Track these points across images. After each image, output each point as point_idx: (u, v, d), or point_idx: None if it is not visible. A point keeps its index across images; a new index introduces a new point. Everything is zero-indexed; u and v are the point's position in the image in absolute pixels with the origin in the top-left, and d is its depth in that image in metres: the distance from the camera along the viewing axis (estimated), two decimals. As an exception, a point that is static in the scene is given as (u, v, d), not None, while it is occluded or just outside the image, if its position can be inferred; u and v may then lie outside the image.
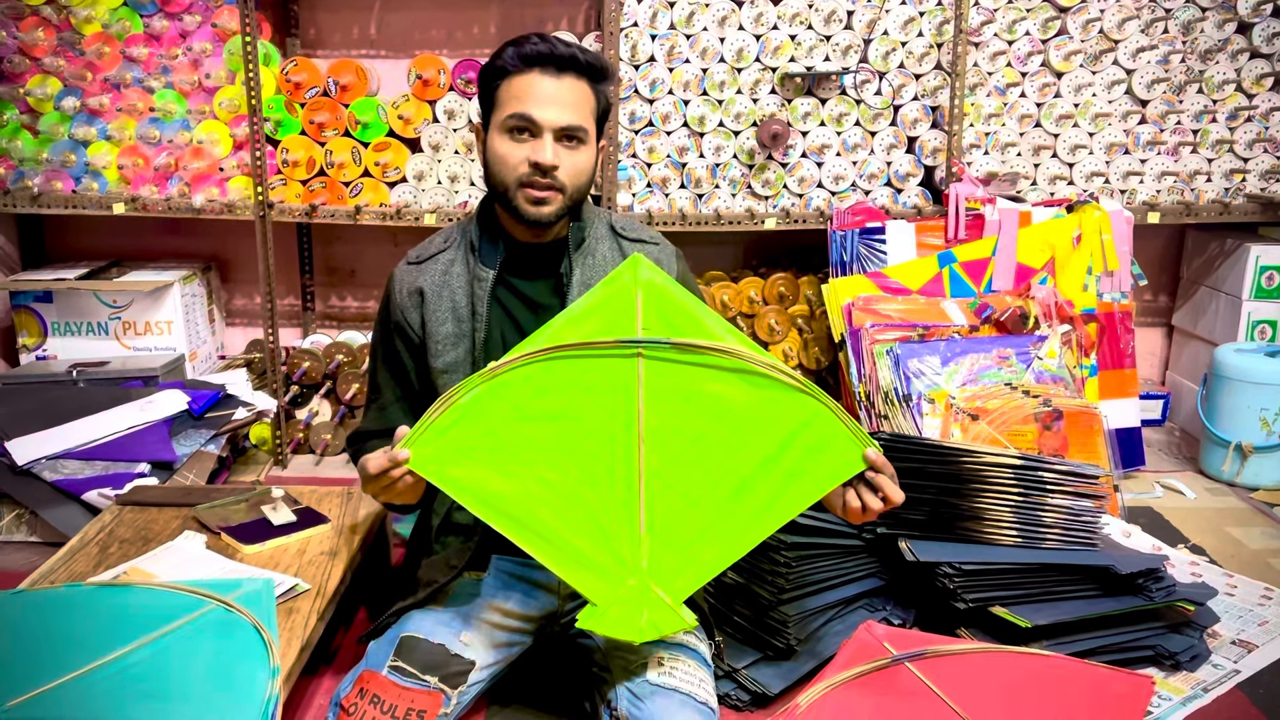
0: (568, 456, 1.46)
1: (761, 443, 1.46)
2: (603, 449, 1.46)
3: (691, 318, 1.47)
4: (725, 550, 1.47)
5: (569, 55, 1.60)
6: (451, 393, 1.44)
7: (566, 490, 1.45)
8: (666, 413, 1.46)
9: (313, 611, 1.74)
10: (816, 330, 3.09)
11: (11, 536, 2.48)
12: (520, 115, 1.59)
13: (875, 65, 2.96)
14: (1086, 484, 2.00)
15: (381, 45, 3.27)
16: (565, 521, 1.45)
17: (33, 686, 1.45)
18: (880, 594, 2.02)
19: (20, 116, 2.99)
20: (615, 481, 1.46)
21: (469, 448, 1.44)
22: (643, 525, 1.45)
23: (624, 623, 1.43)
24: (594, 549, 1.46)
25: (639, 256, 1.50)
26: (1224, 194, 3.07)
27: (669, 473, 1.46)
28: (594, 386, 1.46)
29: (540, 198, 1.61)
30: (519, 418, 1.45)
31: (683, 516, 1.46)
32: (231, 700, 1.45)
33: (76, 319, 3.06)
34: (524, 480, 1.45)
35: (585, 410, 1.46)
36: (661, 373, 1.46)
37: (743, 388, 1.46)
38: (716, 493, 1.46)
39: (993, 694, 1.62)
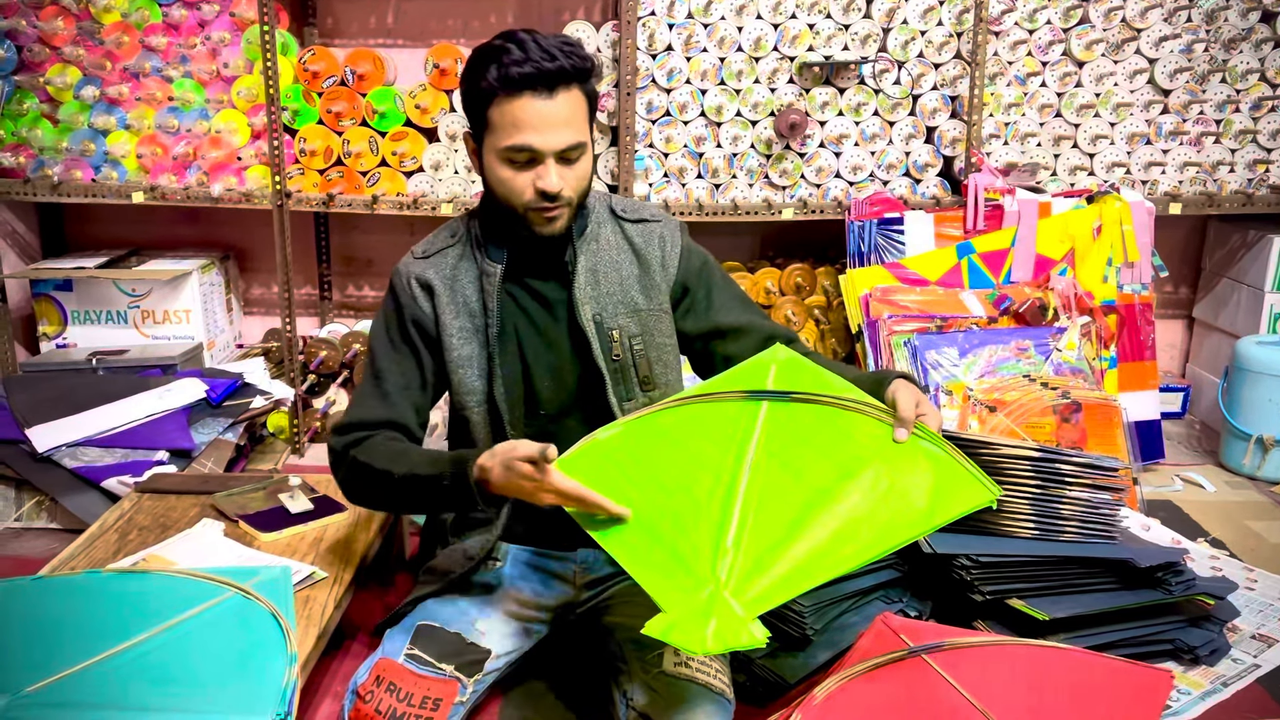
0: (673, 471, 1.49)
1: (870, 474, 1.47)
2: (709, 470, 1.49)
3: (822, 381, 1.59)
4: (811, 571, 1.40)
5: (557, 70, 1.53)
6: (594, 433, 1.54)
7: (664, 502, 1.46)
8: (779, 447, 1.50)
9: (330, 599, 1.75)
10: (834, 321, 3.08)
11: (32, 523, 2.50)
12: (520, 147, 1.55)
13: (894, 54, 2.94)
14: (1105, 476, 1.98)
15: (399, 35, 3.27)
16: (654, 529, 1.44)
17: (53, 671, 1.46)
18: (897, 585, 2.01)
19: (40, 105, 3.00)
20: (714, 498, 1.46)
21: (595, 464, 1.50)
22: (730, 538, 1.42)
23: (690, 632, 1.32)
24: (676, 558, 1.41)
25: (780, 345, 1.66)
26: (1247, 185, 3.04)
27: (769, 499, 1.46)
28: (716, 423, 1.54)
29: (550, 217, 1.61)
30: (644, 448, 1.52)
31: (773, 538, 1.42)
32: (249, 687, 1.46)
33: (96, 307, 3.08)
34: (628, 492, 1.47)
35: (703, 439, 1.52)
36: (780, 417, 1.54)
37: (857, 428, 1.52)
38: (813, 517, 1.43)
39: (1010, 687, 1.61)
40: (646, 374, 1.70)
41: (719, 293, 1.78)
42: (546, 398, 1.70)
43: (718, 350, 1.77)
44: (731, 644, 1.30)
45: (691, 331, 1.77)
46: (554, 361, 1.70)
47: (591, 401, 1.70)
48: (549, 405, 1.71)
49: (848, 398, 1.55)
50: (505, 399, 1.67)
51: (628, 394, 1.69)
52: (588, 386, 1.70)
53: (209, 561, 1.84)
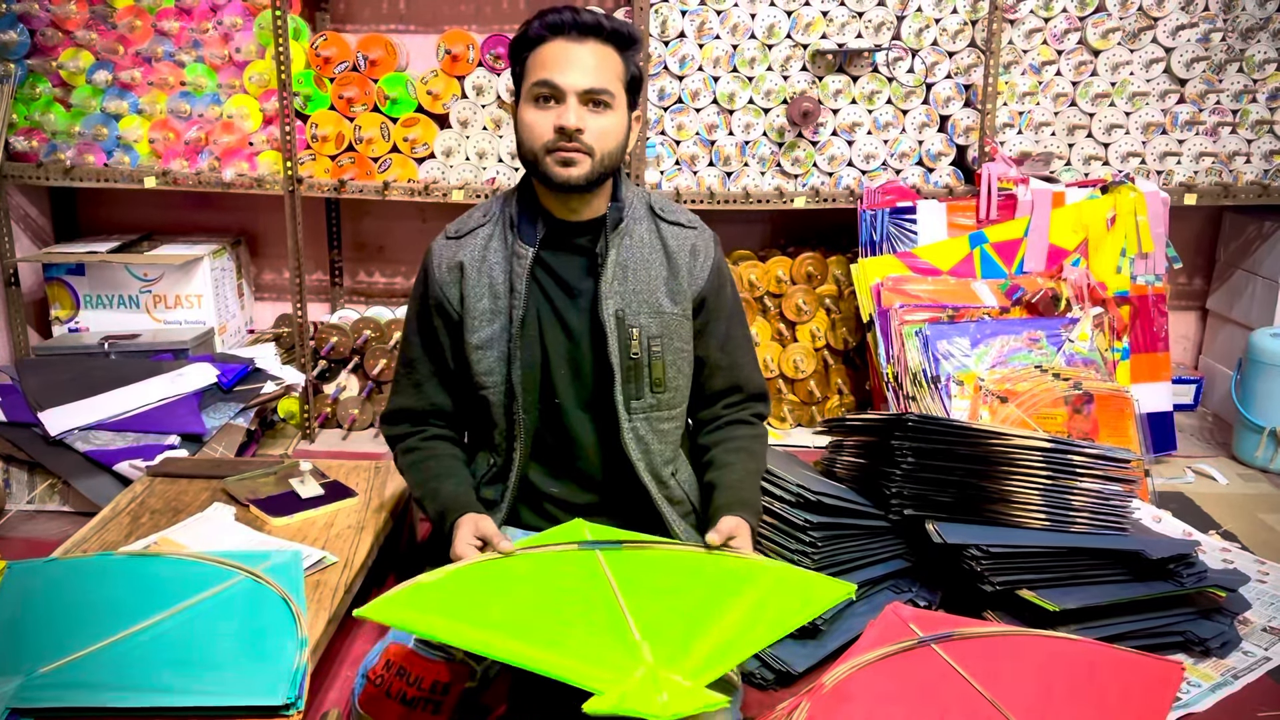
0: (544, 605, 1.38)
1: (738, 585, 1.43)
2: (576, 596, 1.40)
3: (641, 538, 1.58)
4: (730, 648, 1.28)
5: (592, 21, 1.60)
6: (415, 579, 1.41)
7: (551, 628, 1.31)
8: (637, 582, 1.44)
9: (340, 584, 1.75)
10: (845, 310, 3.07)
11: (44, 506, 2.52)
12: (543, 82, 1.58)
13: (908, 42, 2.92)
14: (1117, 468, 1.98)
15: (411, 20, 3.26)
16: (556, 643, 1.27)
17: (65, 653, 1.47)
18: (907, 575, 2.01)
19: (53, 90, 3.01)
20: (596, 612, 1.35)
21: (441, 607, 1.35)
22: (636, 633, 1.28)
23: (643, 701, 1.15)
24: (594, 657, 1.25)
25: (580, 520, 1.66)
26: (1263, 175, 3.01)
27: (653, 608, 1.36)
28: (558, 566, 1.49)
29: (567, 158, 1.60)
30: (488, 589, 1.42)
31: (677, 630, 1.30)
32: (260, 670, 1.46)
33: (108, 292, 3.09)
34: (505, 622, 1.31)
35: (553, 578, 1.46)
36: (622, 559, 1.50)
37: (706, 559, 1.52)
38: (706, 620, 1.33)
39: (1019, 677, 1.61)
40: (659, 376, 1.69)
41: (720, 323, 1.77)
42: (561, 387, 1.70)
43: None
44: (691, 708, 1.14)
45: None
46: (571, 351, 1.70)
47: (602, 396, 1.70)
48: (563, 395, 1.71)
49: (672, 543, 1.57)
50: (521, 383, 1.67)
51: (636, 393, 1.69)
52: (601, 381, 1.70)
53: (220, 545, 1.84)
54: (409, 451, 1.78)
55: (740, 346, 1.80)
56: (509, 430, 1.71)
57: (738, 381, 1.79)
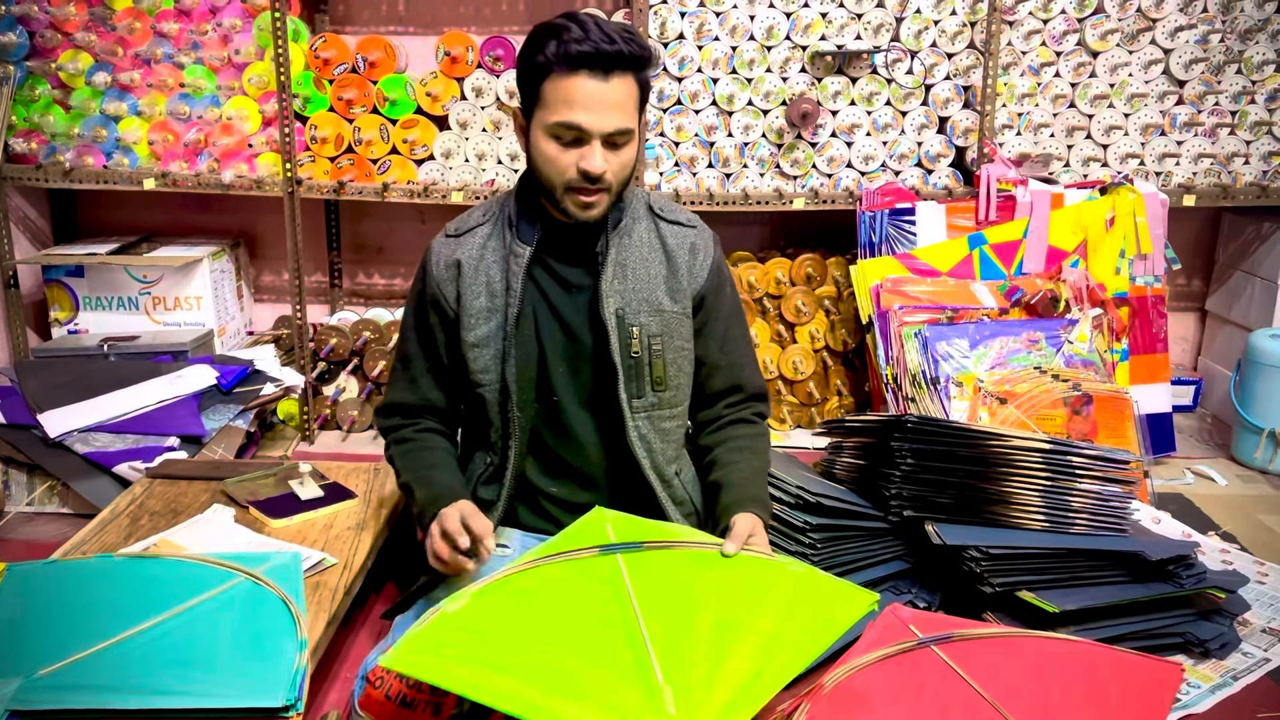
0: (568, 644, 1.35)
1: (760, 601, 1.43)
2: (596, 622, 1.38)
3: (664, 531, 1.56)
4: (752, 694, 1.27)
5: (615, 53, 1.53)
6: (441, 604, 1.39)
7: (574, 672, 1.30)
8: (659, 594, 1.42)
9: (340, 585, 1.75)
10: (844, 312, 3.07)
11: (44, 508, 2.52)
12: (570, 125, 1.55)
13: (907, 44, 2.92)
14: (1116, 469, 1.98)
15: (410, 22, 3.26)
16: (581, 700, 1.26)
17: (64, 655, 1.47)
18: (906, 577, 2.01)
19: (52, 91, 3.01)
20: (618, 646, 1.34)
21: (461, 649, 1.33)
22: (659, 676, 1.28)
23: None
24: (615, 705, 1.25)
25: (600, 509, 1.63)
26: (1262, 177, 3.02)
27: (675, 636, 1.35)
28: (579, 581, 1.46)
29: (589, 202, 1.60)
30: (511, 621, 1.39)
31: (701, 669, 1.30)
32: (260, 671, 1.46)
33: (107, 293, 3.09)
34: (527, 670, 1.29)
35: (577, 605, 1.42)
36: (644, 565, 1.48)
37: (726, 564, 1.49)
38: (730, 649, 1.34)
39: (1019, 678, 1.61)
40: (660, 375, 1.69)
41: (719, 322, 1.77)
42: (559, 385, 1.71)
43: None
44: None
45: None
46: (570, 349, 1.70)
47: (602, 395, 1.70)
48: (561, 392, 1.71)
49: (694, 539, 1.55)
50: (516, 380, 1.67)
51: (638, 392, 1.69)
52: (601, 379, 1.70)
53: (220, 547, 1.84)
54: (402, 441, 1.79)
55: (739, 346, 1.80)
56: (504, 429, 1.71)
57: (738, 381, 1.79)
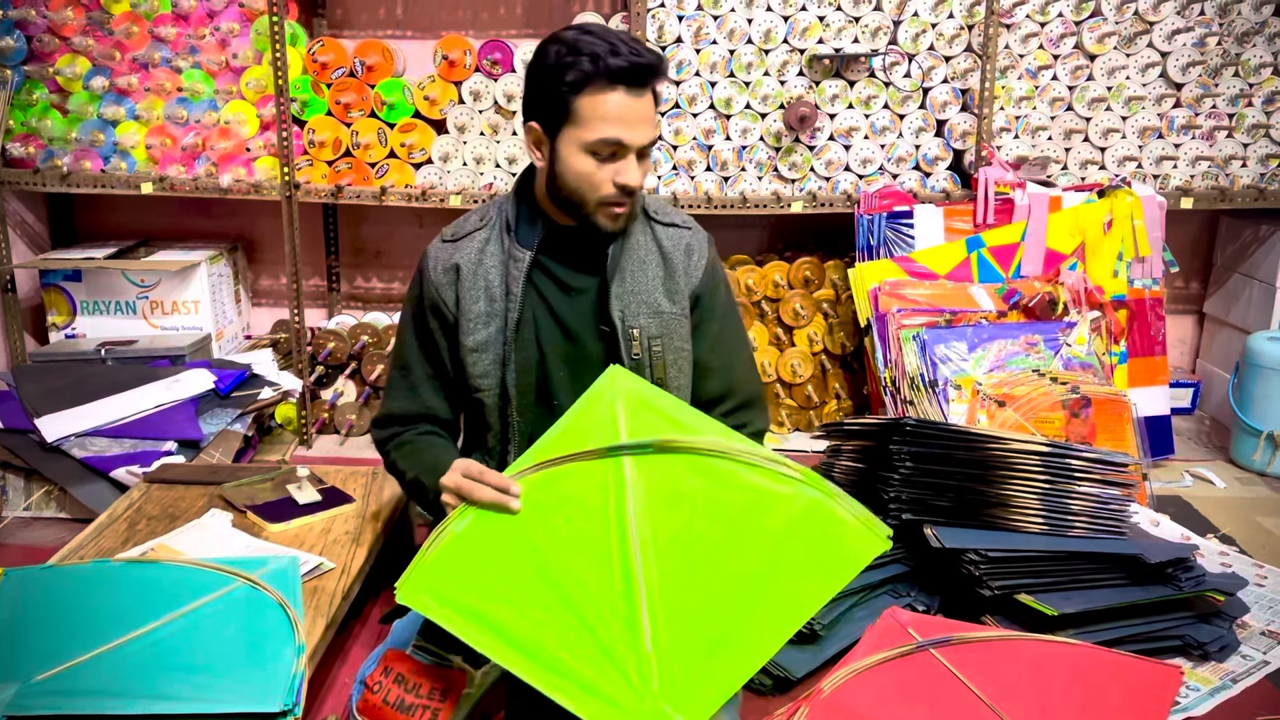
0: (565, 576, 1.36)
1: (762, 539, 1.37)
2: (600, 565, 1.36)
3: (674, 421, 1.45)
4: (742, 661, 1.32)
5: (647, 66, 1.52)
6: (444, 523, 1.40)
7: (567, 613, 1.34)
8: (660, 520, 1.38)
9: (338, 590, 1.75)
10: (842, 315, 3.07)
11: (41, 512, 2.51)
12: (612, 140, 1.53)
13: (905, 47, 2.92)
14: (1115, 472, 1.98)
15: (408, 26, 3.26)
16: (569, 647, 1.32)
17: (61, 660, 1.47)
18: (905, 580, 2.01)
19: (50, 96, 3.01)
20: (615, 598, 1.34)
21: (466, 577, 1.36)
22: (648, 642, 1.31)
23: None
24: (600, 675, 1.30)
25: (616, 368, 1.51)
26: (1259, 179, 3.02)
27: (671, 583, 1.35)
28: (584, 499, 1.41)
29: (622, 214, 1.61)
30: (513, 541, 1.40)
31: (691, 629, 1.33)
32: (257, 676, 1.46)
33: (105, 298, 3.08)
34: (525, 606, 1.34)
35: (578, 526, 1.39)
36: (649, 477, 1.41)
37: (733, 484, 1.40)
38: (723, 598, 1.35)
39: (1018, 681, 1.61)
40: (661, 376, 1.69)
41: (713, 323, 1.77)
42: (560, 389, 1.70)
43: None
44: None
45: None
46: (571, 353, 1.70)
47: None
48: (562, 397, 1.70)
49: (707, 443, 1.42)
50: (516, 385, 1.67)
51: None
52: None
53: (217, 551, 1.84)
54: (403, 445, 1.73)
55: (733, 349, 1.79)
56: (503, 433, 1.71)
57: (730, 386, 1.77)
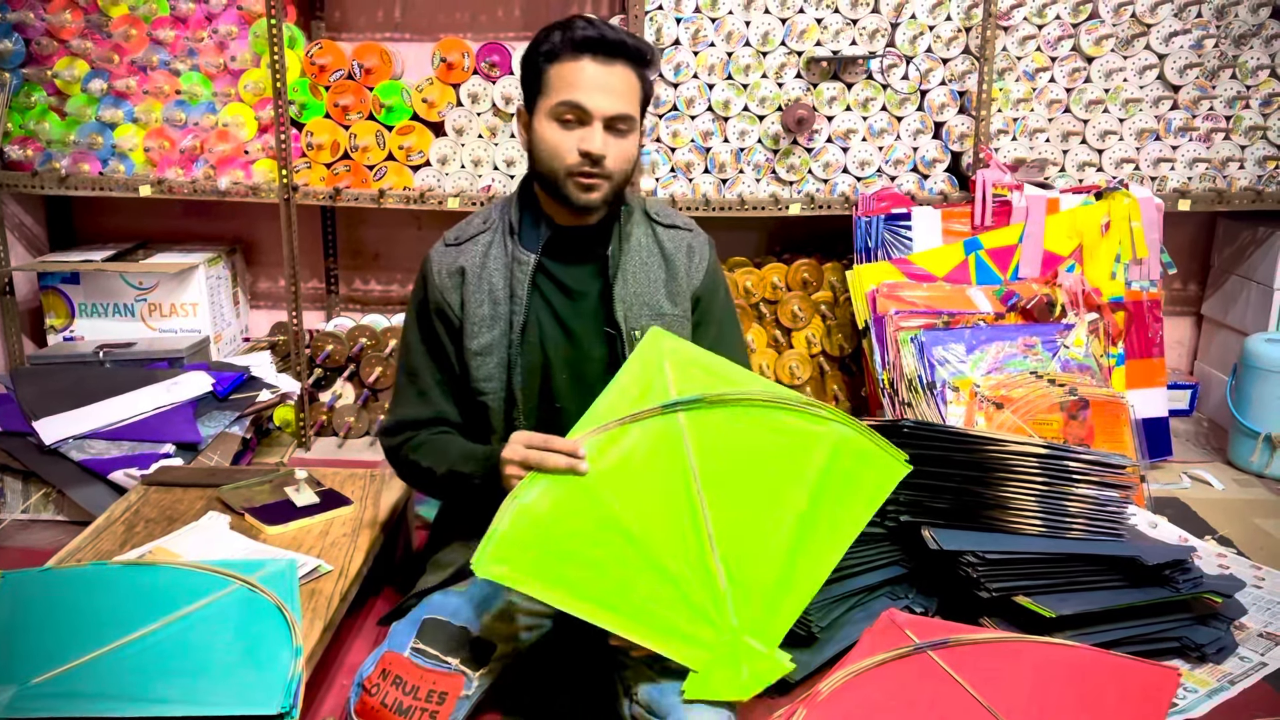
0: (637, 530, 1.44)
1: (805, 475, 1.50)
2: (668, 515, 1.46)
3: (718, 375, 1.55)
4: (803, 586, 1.49)
5: (618, 41, 1.58)
6: (512, 495, 1.44)
7: (644, 564, 1.44)
8: (716, 467, 1.48)
9: (335, 593, 1.75)
10: (840, 317, 3.07)
11: (39, 515, 2.51)
12: (571, 103, 1.57)
13: (902, 49, 2.93)
14: (1113, 474, 1.98)
15: (406, 28, 3.27)
16: (651, 597, 1.43)
17: (59, 663, 1.47)
18: (903, 582, 2.01)
19: (48, 98, 3.01)
20: (687, 544, 1.45)
21: (542, 544, 1.42)
22: (723, 580, 1.45)
23: (727, 684, 1.42)
24: (682, 616, 1.44)
25: (657, 330, 1.55)
26: (1257, 181, 3.02)
27: (733, 524, 1.47)
28: (647, 456, 1.48)
29: (590, 184, 1.61)
30: (583, 504, 1.45)
31: (757, 564, 1.47)
32: (255, 679, 1.46)
33: (103, 300, 3.08)
34: (602, 564, 1.43)
35: (644, 481, 1.46)
36: (702, 428, 1.49)
37: (775, 428, 1.51)
38: (781, 533, 1.48)
39: (1016, 683, 1.61)
40: None
41: (711, 326, 1.77)
42: (563, 392, 1.70)
43: None
44: (767, 681, 1.43)
45: None
46: (574, 355, 1.70)
47: None
48: (564, 399, 1.70)
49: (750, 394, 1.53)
50: (521, 388, 1.67)
51: None
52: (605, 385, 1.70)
53: (215, 554, 1.84)
54: (420, 445, 1.72)
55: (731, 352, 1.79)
56: (506, 436, 1.71)
57: None
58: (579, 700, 1.74)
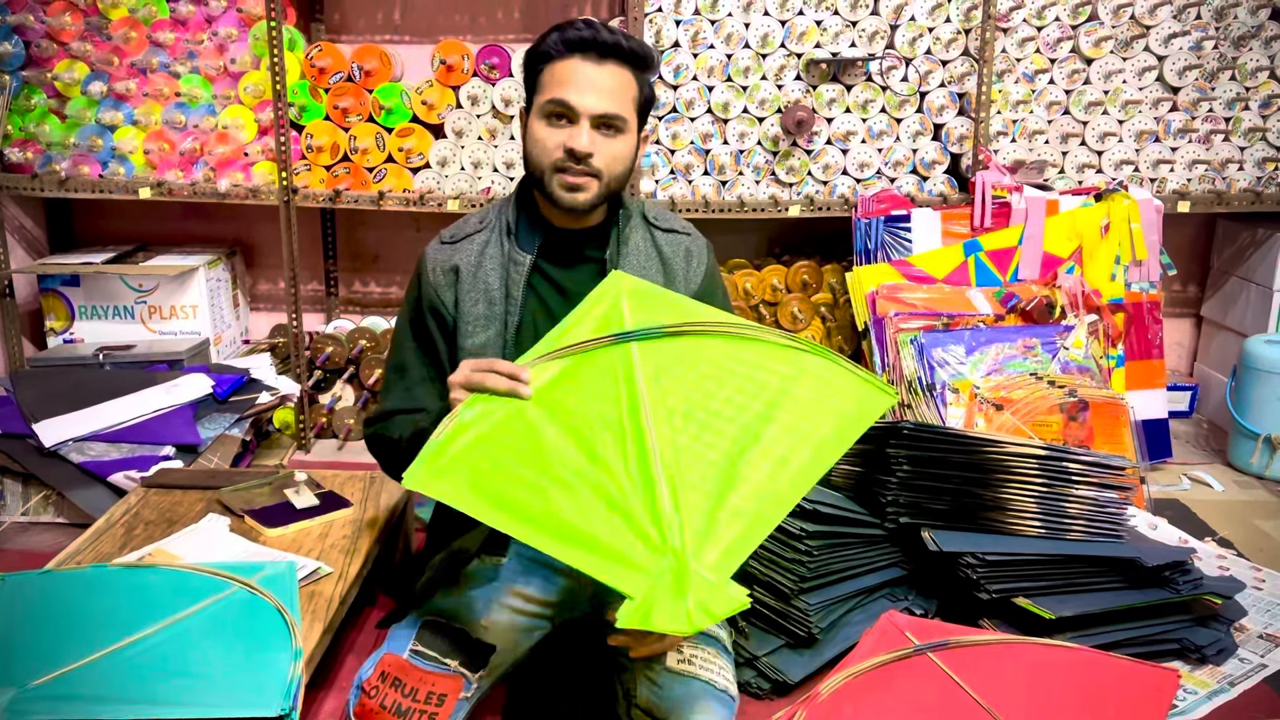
0: (579, 454, 1.40)
1: (774, 403, 1.44)
2: (613, 442, 1.40)
3: (679, 308, 1.53)
4: (763, 517, 1.35)
5: (612, 42, 1.59)
6: (456, 411, 1.43)
7: (582, 487, 1.37)
8: (670, 394, 1.44)
9: (335, 595, 1.75)
10: (840, 319, 3.07)
11: (39, 517, 2.51)
12: (558, 101, 1.58)
13: (902, 51, 2.93)
14: (1112, 475, 1.98)
15: (405, 30, 3.27)
16: (589, 518, 1.34)
17: (58, 665, 1.47)
18: (902, 584, 2.01)
19: (48, 101, 3.01)
20: (630, 468, 1.38)
21: (478, 460, 1.39)
22: (667, 505, 1.33)
23: (671, 613, 1.23)
24: (622, 539, 1.32)
25: (617, 271, 1.57)
26: (1256, 183, 3.02)
27: (687, 450, 1.40)
28: (594, 383, 1.45)
29: (575, 184, 1.61)
30: (524, 427, 1.42)
31: (711, 490, 1.37)
32: (254, 681, 1.46)
33: (103, 303, 3.08)
34: (539, 486, 1.37)
35: (589, 408, 1.43)
36: (658, 358, 1.47)
37: (741, 359, 1.48)
38: (740, 460, 1.39)
39: (1016, 685, 1.61)
40: None
41: None
42: None
43: None
44: (716, 614, 1.24)
45: None
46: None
47: None
48: None
49: (713, 322, 1.51)
50: None
51: None
52: None
53: (215, 556, 1.84)
54: (392, 422, 1.69)
55: None
56: None
57: None
58: (578, 702, 1.74)
